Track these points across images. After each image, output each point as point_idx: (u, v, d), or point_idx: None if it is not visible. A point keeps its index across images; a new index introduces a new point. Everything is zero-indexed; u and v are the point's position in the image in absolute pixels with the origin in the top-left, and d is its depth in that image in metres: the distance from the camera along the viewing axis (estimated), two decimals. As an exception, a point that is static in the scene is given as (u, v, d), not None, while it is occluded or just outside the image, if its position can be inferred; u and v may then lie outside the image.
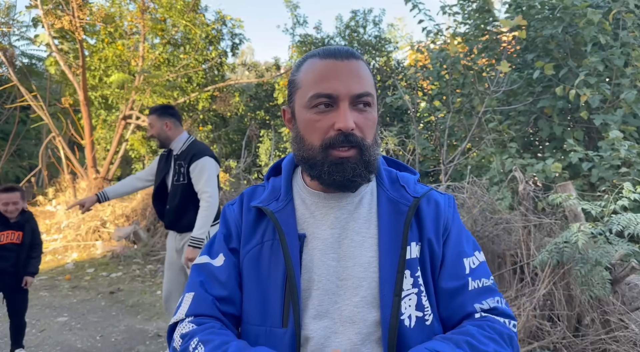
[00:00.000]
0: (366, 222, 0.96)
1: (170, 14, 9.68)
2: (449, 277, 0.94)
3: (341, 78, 0.90)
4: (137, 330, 4.17)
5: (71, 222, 7.95)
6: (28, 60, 11.87)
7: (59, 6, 8.35)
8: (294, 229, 0.94)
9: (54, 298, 5.11)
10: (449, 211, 1.01)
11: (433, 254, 0.94)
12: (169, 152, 3.25)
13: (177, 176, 3.07)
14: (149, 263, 6.60)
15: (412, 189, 0.99)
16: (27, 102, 9.02)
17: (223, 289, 0.96)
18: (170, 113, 3.17)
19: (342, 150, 0.90)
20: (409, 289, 0.90)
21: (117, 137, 9.27)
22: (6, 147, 11.31)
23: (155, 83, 9.11)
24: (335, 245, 0.94)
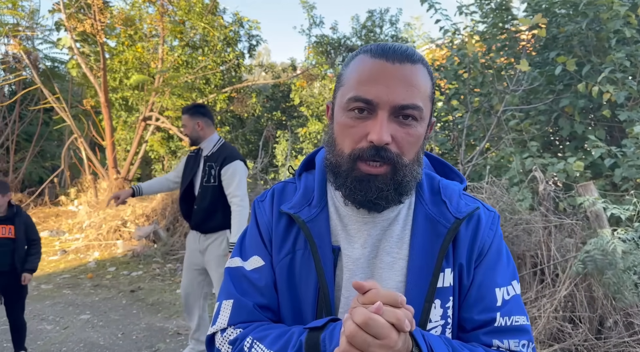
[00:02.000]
0: (398, 242, 0.86)
1: (189, 17, 9.80)
2: (476, 308, 0.83)
3: (387, 83, 0.78)
4: (158, 328, 4.24)
5: (93, 222, 8.11)
6: (51, 63, 12.14)
7: (81, 10, 8.52)
8: (327, 241, 0.86)
9: (77, 296, 5.22)
10: (489, 233, 0.87)
11: (461, 282, 0.84)
12: (197, 153, 3.27)
13: (207, 177, 3.08)
14: (169, 262, 6.69)
15: (454, 206, 0.86)
16: (50, 104, 9.24)
17: (261, 297, 0.89)
18: (202, 112, 3.18)
19: (372, 166, 0.80)
20: (436, 321, 0.81)
21: (137, 138, 9.42)
22: (30, 148, 11.59)
23: (174, 85, 9.23)
24: (365, 265, 0.85)
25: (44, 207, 10.16)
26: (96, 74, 8.90)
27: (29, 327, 4.05)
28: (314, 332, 0.77)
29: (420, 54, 0.84)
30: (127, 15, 9.75)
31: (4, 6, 9.05)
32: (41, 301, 4.98)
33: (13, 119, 11.45)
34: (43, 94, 9.22)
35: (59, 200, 10.41)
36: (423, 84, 0.81)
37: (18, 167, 11.34)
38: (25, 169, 11.30)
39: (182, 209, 3.29)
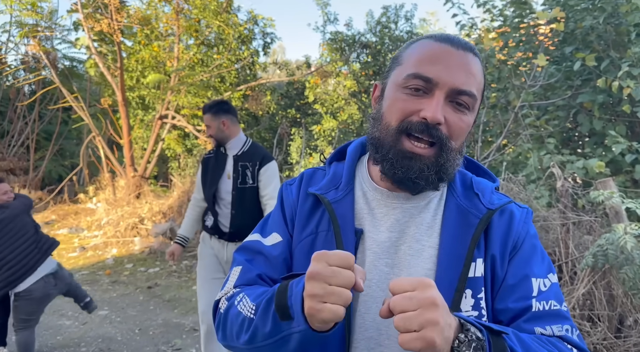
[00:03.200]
0: (428, 230, 0.85)
1: (204, 15, 9.86)
2: (511, 297, 0.81)
3: (449, 66, 0.79)
4: (174, 324, 4.29)
5: (111, 219, 8.23)
6: (69, 63, 12.36)
7: (98, 10, 8.64)
8: (350, 223, 0.86)
9: (95, 292, 5.30)
10: (523, 227, 0.87)
11: (495, 274, 0.83)
12: (216, 153, 2.99)
13: (242, 178, 2.83)
14: (185, 259, 6.76)
15: (487, 199, 0.86)
16: (68, 103, 9.39)
17: (271, 269, 0.90)
18: (225, 109, 2.92)
19: (418, 146, 0.80)
20: (467, 311, 0.79)
21: (153, 137, 9.53)
22: (49, 146, 11.82)
23: (189, 83, 9.31)
24: (392, 250, 0.84)
25: (64, 204, 10.36)
26: (113, 73, 9.02)
27: (48, 323, 4.14)
28: (287, 280, 0.78)
29: (478, 52, 0.85)
30: (143, 14, 9.86)
31: (23, 8, 9.23)
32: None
33: (33, 118, 11.69)
34: (62, 93, 9.37)
35: (78, 198, 10.59)
36: (479, 76, 0.82)
37: (38, 166, 11.57)
38: (45, 168, 11.53)
39: (212, 213, 2.93)
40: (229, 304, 0.86)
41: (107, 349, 3.72)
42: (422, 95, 0.79)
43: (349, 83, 10.10)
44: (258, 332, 0.77)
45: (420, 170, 0.80)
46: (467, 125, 0.82)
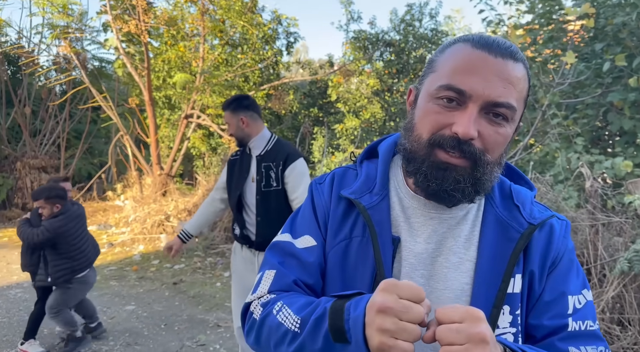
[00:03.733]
0: (466, 242, 0.82)
1: (229, 16, 9.97)
2: (546, 314, 0.79)
3: (485, 77, 0.74)
4: (199, 320, 4.36)
5: (138, 216, 8.42)
6: (98, 63, 12.67)
7: (126, 11, 8.83)
8: (387, 230, 0.83)
9: (123, 288, 5.44)
10: (563, 242, 0.84)
11: (532, 290, 0.81)
12: (241, 154, 2.75)
13: (267, 181, 2.55)
14: (209, 256, 6.86)
15: (527, 212, 0.83)
16: (97, 103, 9.63)
17: (307, 275, 0.87)
18: (245, 105, 2.66)
19: (452, 155, 0.76)
20: (505, 327, 0.78)
21: (179, 136, 9.69)
22: (79, 145, 12.15)
23: (214, 83, 9.43)
24: (428, 261, 0.82)
25: (93, 201, 10.64)
26: (141, 73, 9.21)
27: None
28: (341, 300, 0.74)
29: (522, 54, 0.79)
30: (169, 15, 10.03)
31: (55, 10, 9.50)
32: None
33: (64, 118, 12.03)
34: (91, 93, 9.62)
35: (106, 195, 10.86)
36: (521, 83, 0.77)
37: (68, 164, 11.91)
38: (75, 165, 11.86)
39: (238, 220, 2.69)
40: (266, 312, 0.83)
41: (134, 343, 3.82)
42: (455, 108, 0.76)
43: (372, 82, 10.06)
44: (306, 348, 0.75)
45: (456, 182, 0.76)
46: (504, 137, 0.77)
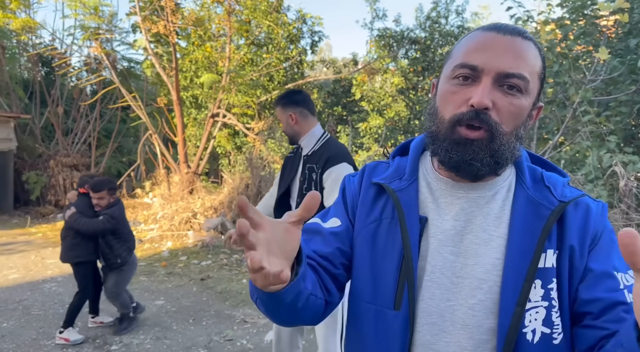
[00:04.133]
0: (496, 220, 0.84)
1: (255, 15, 10.07)
2: (598, 287, 0.78)
3: (495, 51, 0.79)
4: (226, 315, 4.44)
5: (166, 213, 8.59)
6: (128, 64, 12.96)
7: (155, 12, 9.02)
8: (415, 210, 0.87)
9: (152, 283, 5.57)
10: (601, 219, 0.84)
11: (573, 266, 0.80)
12: (296, 152, 2.59)
13: (307, 184, 2.39)
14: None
15: (559, 192, 0.84)
16: (127, 102, 9.87)
17: (325, 246, 0.93)
18: (295, 101, 2.49)
19: (470, 131, 0.80)
20: (537, 301, 0.79)
21: (205, 134, 9.84)
22: (109, 144, 12.47)
23: (240, 82, 9.54)
24: (457, 238, 0.85)
25: (122, 199, 10.90)
26: (169, 73, 9.39)
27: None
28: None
29: (532, 36, 0.83)
30: (197, 16, 10.19)
31: (87, 12, 9.77)
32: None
33: (94, 117, 12.37)
34: (121, 93, 9.86)
35: (136, 192, 11.12)
36: (532, 58, 0.81)
37: (99, 162, 12.24)
38: (105, 164, 12.18)
39: None
40: None
41: (163, 337, 3.91)
42: (470, 84, 0.80)
43: (396, 80, 10.00)
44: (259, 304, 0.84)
45: (474, 153, 0.80)
46: (518, 108, 0.80)
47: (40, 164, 11.32)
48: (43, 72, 13.13)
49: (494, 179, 0.87)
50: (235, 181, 8.68)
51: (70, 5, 9.77)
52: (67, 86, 12.78)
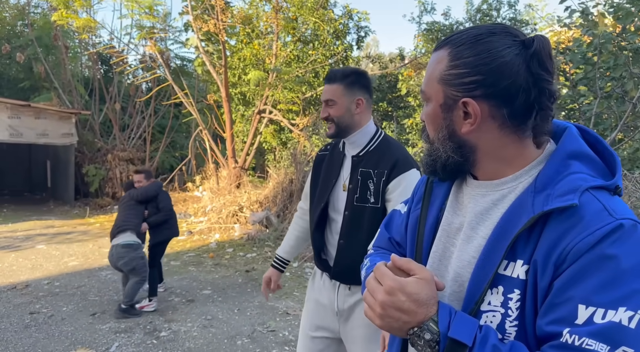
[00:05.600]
0: (486, 221, 0.86)
1: (301, 12, 10.15)
2: (547, 317, 0.73)
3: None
4: (269, 307, 4.55)
5: (214, 207, 8.87)
6: (180, 62, 13.44)
7: (206, 11, 9.29)
8: (439, 202, 0.98)
9: (200, 273, 5.78)
10: (588, 239, 0.72)
11: (536, 283, 0.76)
12: (332, 151, 2.03)
13: (362, 193, 1.83)
14: (279, 246, 7.09)
15: (553, 197, 0.77)
16: (179, 99, 10.24)
17: (397, 234, 1.11)
18: (366, 85, 1.91)
19: None
20: (496, 306, 0.79)
21: (252, 130, 10.06)
22: (163, 139, 13.00)
23: (285, 79, 9.66)
24: (454, 232, 0.92)
25: (174, 192, 11.35)
26: (218, 70, 9.66)
27: (160, 298, 4.61)
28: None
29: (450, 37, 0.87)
30: (245, 14, 10.41)
31: (142, 12, 10.20)
32: (171, 275, 5.62)
33: (149, 113, 12.93)
34: (174, 90, 10.24)
35: (186, 186, 11.54)
36: (438, 68, 0.87)
37: (153, 156, 12.79)
38: (158, 158, 12.72)
39: (315, 243, 2.00)
40: (363, 264, 1.11)
41: (209, 325, 4.06)
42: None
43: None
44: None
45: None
46: (425, 114, 0.91)
47: (99, 157, 11.97)
48: (102, 70, 13.85)
49: (501, 179, 0.86)
50: (280, 176, 8.82)
51: (127, 5, 10.23)
52: (124, 83, 13.43)
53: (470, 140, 0.85)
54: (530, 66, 0.79)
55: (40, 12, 14.92)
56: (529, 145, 0.84)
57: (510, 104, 0.80)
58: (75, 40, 13.92)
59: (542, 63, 0.79)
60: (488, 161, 0.86)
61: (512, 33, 0.82)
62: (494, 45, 0.80)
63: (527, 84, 0.79)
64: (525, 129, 0.82)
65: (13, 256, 6.38)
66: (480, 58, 0.81)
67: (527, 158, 0.84)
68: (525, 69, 0.79)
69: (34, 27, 13.36)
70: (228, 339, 3.77)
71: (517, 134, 0.82)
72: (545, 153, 0.84)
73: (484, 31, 0.83)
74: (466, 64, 0.82)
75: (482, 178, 0.89)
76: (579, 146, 0.83)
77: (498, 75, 0.79)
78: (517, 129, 0.82)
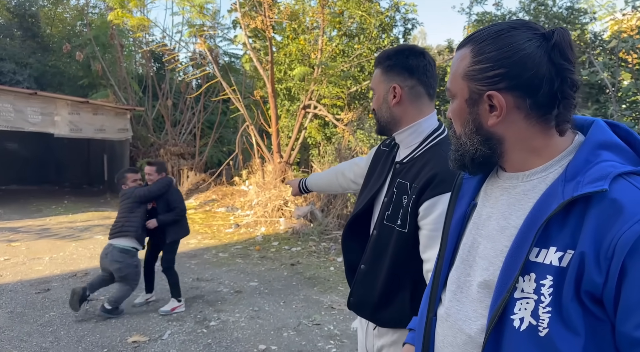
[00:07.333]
0: (518, 211, 0.87)
1: (348, 6, 10.10)
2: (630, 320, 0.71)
3: None
4: (314, 300, 4.59)
5: (260, 201, 9.04)
6: (228, 59, 13.73)
7: (254, 8, 9.43)
8: (468, 197, 1.01)
9: (247, 265, 5.92)
10: (636, 227, 0.70)
11: (582, 275, 0.74)
12: (390, 148, 1.64)
13: (394, 209, 1.44)
14: (323, 241, 7.14)
15: (583, 183, 0.77)
16: (227, 95, 10.47)
17: None
18: (408, 67, 1.46)
19: None
20: (529, 293, 0.80)
21: (297, 125, 10.14)
22: (211, 134, 13.36)
23: (330, 74, 9.66)
24: (486, 222, 0.94)
25: (222, 186, 11.65)
26: (265, 67, 9.79)
27: (209, 288, 4.76)
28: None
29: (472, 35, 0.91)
30: (292, 9, 10.48)
31: (194, 10, 10.49)
32: (219, 267, 5.78)
33: (199, 109, 13.31)
34: (222, 86, 10.48)
35: (234, 180, 11.81)
36: (462, 65, 0.91)
37: (202, 151, 13.18)
38: (207, 153, 13.08)
39: (347, 255, 1.69)
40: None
41: (256, 316, 4.16)
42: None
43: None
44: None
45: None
46: (451, 111, 0.96)
47: (152, 152, 12.47)
48: (154, 68, 14.38)
49: (531, 170, 0.88)
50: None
51: (179, 2, 10.54)
52: (175, 80, 13.89)
53: (497, 132, 0.88)
54: (552, 57, 0.82)
55: (97, 12, 15.67)
56: (555, 135, 0.86)
57: (534, 94, 0.83)
58: (130, 39, 14.51)
59: (564, 53, 0.82)
60: (516, 152, 0.88)
61: (533, 27, 0.86)
62: (515, 39, 0.84)
63: (550, 74, 0.82)
64: (550, 118, 0.84)
65: (73, 245, 6.78)
66: (502, 52, 0.84)
67: (555, 149, 0.86)
68: (547, 60, 0.82)
69: (92, 26, 14.04)
70: (274, 331, 3.85)
71: (542, 124, 0.85)
72: (575, 144, 0.86)
73: (504, 27, 0.87)
74: (489, 58, 0.86)
75: (510, 170, 0.91)
76: (608, 136, 0.84)
77: (521, 67, 0.82)
78: (542, 118, 0.84)
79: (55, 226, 8.17)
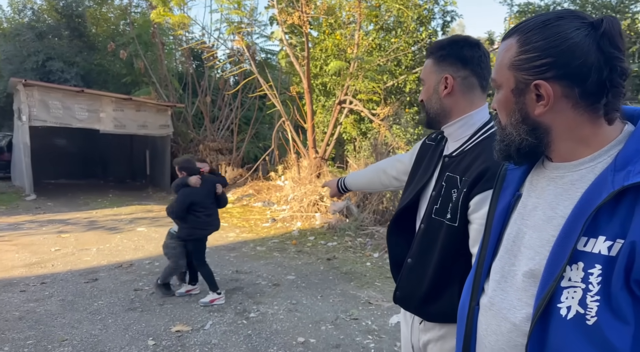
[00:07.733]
0: (566, 201, 0.87)
1: (385, 0, 10.00)
2: None
3: None
4: (351, 295, 4.61)
5: (296, 196, 9.12)
6: (265, 55, 13.87)
7: (290, 4, 9.49)
8: (513, 187, 1.01)
9: (284, 259, 6.00)
10: None
11: (632, 264, 0.75)
12: (437, 142, 1.61)
13: (443, 203, 1.41)
14: (359, 236, 7.14)
15: (635, 173, 0.77)
16: (264, 91, 10.60)
17: None
18: (462, 58, 1.42)
19: None
20: (577, 282, 0.80)
21: (332, 121, 10.15)
22: (248, 130, 13.56)
23: (367, 68, 9.61)
24: (531, 212, 0.94)
25: (258, 181, 11.82)
26: (301, 62, 9.83)
27: (249, 281, 4.85)
28: None
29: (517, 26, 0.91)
30: (328, 4, 10.47)
31: (232, 6, 10.66)
32: (257, 260, 5.89)
33: (236, 105, 13.53)
34: (259, 82, 10.62)
35: (270, 175, 11.96)
36: (507, 56, 0.91)
37: (239, 147, 13.40)
38: (244, 149, 13.29)
39: (391, 249, 1.68)
40: None
41: (294, 309, 4.21)
42: None
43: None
44: None
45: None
46: (496, 101, 0.95)
47: (192, 147, 12.78)
48: (194, 65, 14.70)
49: (579, 160, 0.87)
50: (360, 166, 8.83)
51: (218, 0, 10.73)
52: (214, 77, 14.16)
53: (544, 121, 0.88)
54: (601, 45, 0.80)
55: (140, 11, 16.15)
56: (603, 124, 0.84)
57: (583, 83, 0.82)
58: (170, 37, 14.89)
59: (613, 41, 0.80)
60: (563, 142, 0.88)
61: (580, 16, 0.84)
62: (563, 28, 0.83)
63: (599, 62, 0.80)
64: (599, 107, 0.83)
65: (118, 237, 7.05)
66: (549, 41, 0.84)
67: (604, 138, 0.85)
68: (596, 48, 0.80)
69: (135, 25, 14.49)
70: (312, 324, 3.89)
71: (590, 113, 0.84)
72: (624, 133, 0.85)
73: (551, 17, 0.86)
74: (536, 48, 0.86)
75: (557, 160, 0.91)
76: None
77: (569, 56, 0.82)
78: (590, 107, 0.83)
79: (101, 219, 8.52)
